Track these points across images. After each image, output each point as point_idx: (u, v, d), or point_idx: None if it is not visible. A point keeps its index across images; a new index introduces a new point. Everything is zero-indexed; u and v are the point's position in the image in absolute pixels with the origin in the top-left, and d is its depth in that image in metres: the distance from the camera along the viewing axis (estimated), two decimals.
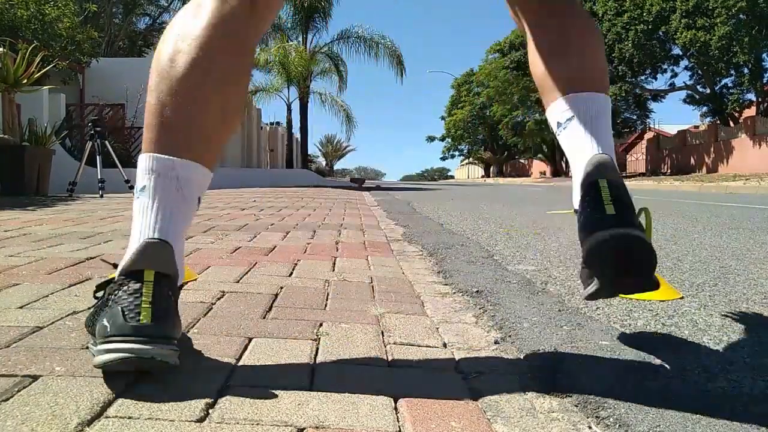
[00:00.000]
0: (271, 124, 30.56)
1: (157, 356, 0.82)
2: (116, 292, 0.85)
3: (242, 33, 0.94)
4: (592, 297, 1.01)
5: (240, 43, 0.94)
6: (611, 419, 0.84)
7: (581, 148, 1.06)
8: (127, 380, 0.85)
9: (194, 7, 0.94)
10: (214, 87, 0.91)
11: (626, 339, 1.27)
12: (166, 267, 0.87)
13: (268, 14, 1.01)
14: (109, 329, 0.82)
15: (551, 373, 1.00)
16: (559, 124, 1.11)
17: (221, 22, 0.91)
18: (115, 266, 0.91)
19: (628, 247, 0.96)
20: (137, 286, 0.84)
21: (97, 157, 7.42)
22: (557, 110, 1.12)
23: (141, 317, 0.82)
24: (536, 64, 1.18)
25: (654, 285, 1.01)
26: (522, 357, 1.10)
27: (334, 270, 1.93)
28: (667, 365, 1.10)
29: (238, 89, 0.95)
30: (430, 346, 1.12)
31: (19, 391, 0.80)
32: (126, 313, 0.82)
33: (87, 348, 0.96)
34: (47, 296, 1.37)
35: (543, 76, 1.16)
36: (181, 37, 0.91)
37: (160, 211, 0.89)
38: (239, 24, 0.93)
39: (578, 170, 1.06)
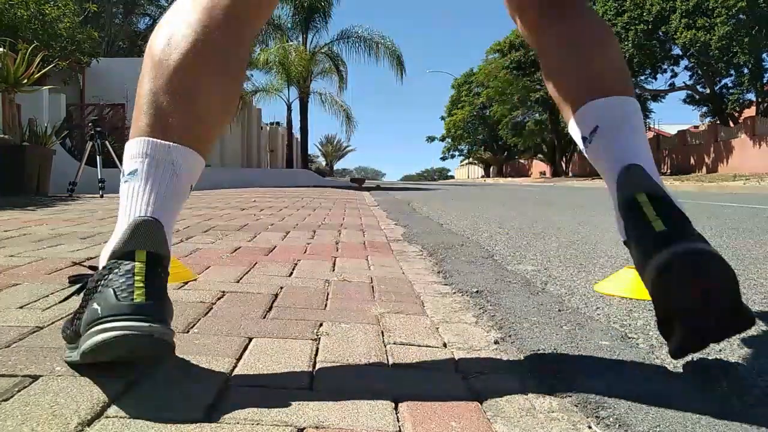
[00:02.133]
0: (272, 124, 30.57)
1: (155, 333, 0.76)
2: (106, 276, 0.79)
3: (240, 24, 0.92)
4: (678, 352, 0.84)
5: (238, 33, 0.92)
6: (611, 419, 0.84)
7: (608, 165, 0.95)
8: (128, 380, 0.85)
9: None
10: (213, 77, 0.89)
11: (626, 339, 1.27)
12: (159, 247, 0.82)
13: (267, 6, 0.99)
14: (100, 311, 0.76)
15: (551, 373, 1.00)
16: (584, 139, 1.00)
17: (220, 12, 0.90)
18: (93, 268, 0.87)
19: (696, 263, 0.79)
20: (129, 266, 0.79)
21: (98, 157, 7.42)
22: (577, 124, 1.01)
23: (135, 296, 0.76)
24: (550, 76, 1.08)
25: (747, 320, 0.83)
26: (522, 357, 1.10)
27: (334, 270, 1.93)
28: (667, 365, 1.11)
29: (235, 80, 0.94)
30: (430, 346, 1.12)
31: (19, 391, 0.80)
32: (118, 293, 0.77)
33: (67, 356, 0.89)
34: (47, 296, 1.37)
35: (556, 89, 1.06)
36: (178, 25, 0.90)
37: (153, 192, 0.84)
38: (238, 14, 0.91)
39: (612, 191, 0.94)
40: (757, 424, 0.84)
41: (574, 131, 1.03)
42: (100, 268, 0.83)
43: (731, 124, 26.65)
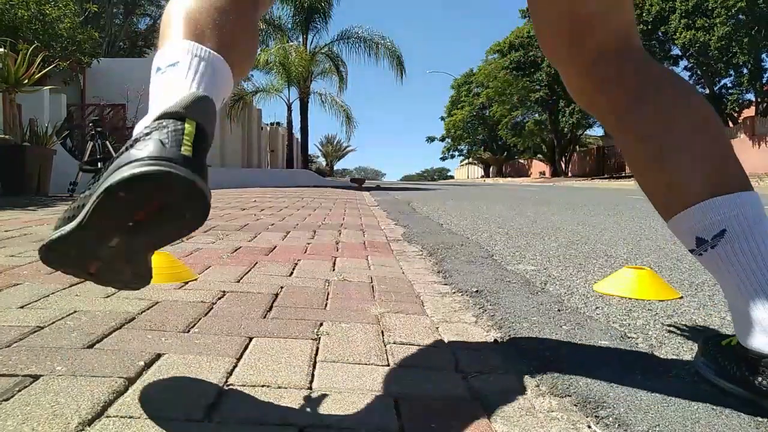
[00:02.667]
0: (272, 124, 30.62)
1: (198, 183, 0.68)
2: (148, 134, 0.71)
3: None
4: None
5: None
6: (611, 419, 0.84)
7: (744, 282, 0.85)
8: (128, 379, 0.85)
9: None
10: (246, 33, 0.93)
11: (626, 339, 1.27)
12: (209, 126, 0.75)
13: None
14: (142, 154, 0.68)
15: (551, 373, 1.00)
16: (701, 242, 0.88)
17: None
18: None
19: None
20: (179, 126, 0.71)
21: (98, 157, 7.42)
22: (689, 223, 0.89)
23: (183, 149, 0.69)
24: (642, 169, 0.97)
25: None
26: (522, 357, 1.10)
27: (334, 270, 1.93)
28: (667, 365, 1.11)
29: (257, 35, 1.00)
30: (430, 346, 1.12)
31: (20, 390, 0.81)
32: (166, 142, 0.69)
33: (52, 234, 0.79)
34: (48, 296, 1.38)
35: (650, 178, 0.96)
36: None
37: (204, 79, 0.79)
38: None
39: (754, 311, 0.85)
40: (757, 423, 0.84)
41: (684, 231, 0.91)
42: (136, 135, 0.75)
43: (731, 124, 26.66)
